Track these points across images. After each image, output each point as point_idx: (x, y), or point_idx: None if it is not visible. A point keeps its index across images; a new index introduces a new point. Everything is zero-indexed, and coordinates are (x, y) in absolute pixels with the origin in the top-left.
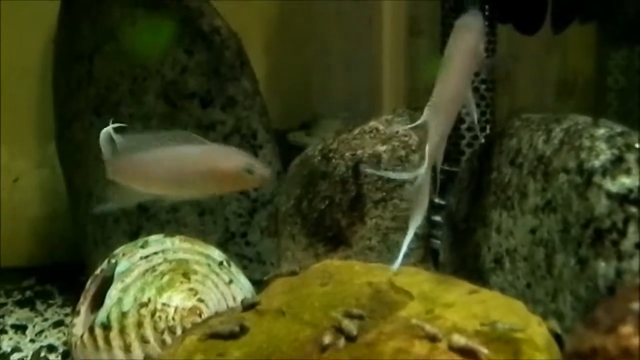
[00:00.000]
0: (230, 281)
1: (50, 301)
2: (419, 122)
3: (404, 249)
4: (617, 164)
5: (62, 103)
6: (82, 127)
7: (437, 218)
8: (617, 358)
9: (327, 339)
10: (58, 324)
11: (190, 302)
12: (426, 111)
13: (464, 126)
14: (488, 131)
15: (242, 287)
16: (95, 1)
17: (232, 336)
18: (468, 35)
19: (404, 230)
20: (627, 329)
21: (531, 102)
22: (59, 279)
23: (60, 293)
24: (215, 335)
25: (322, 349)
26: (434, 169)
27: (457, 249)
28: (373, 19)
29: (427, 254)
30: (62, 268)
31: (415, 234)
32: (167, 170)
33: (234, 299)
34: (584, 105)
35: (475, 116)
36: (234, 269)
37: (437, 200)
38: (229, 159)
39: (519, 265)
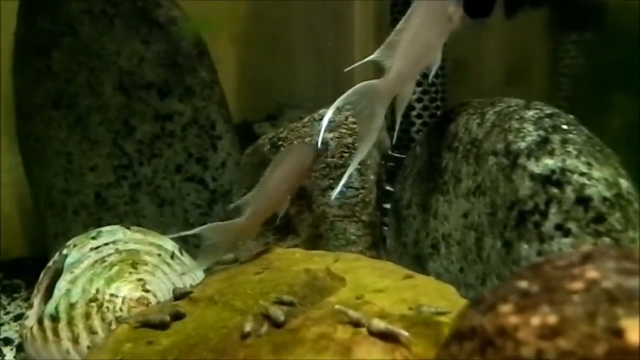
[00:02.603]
0: (183, 272)
1: (15, 295)
2: (371, 57)
3: (344, 179)
4: (542, 145)
5: (22, 97)
6: (42, 121)
7: (387, 205)
8: (494, 337)
9: (248, 326)
10: (18, 317)
11: (138, 293)
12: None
13: (414, 113)
14: None
15: (195, 278)
16: None
17: (162, 325)
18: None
19: (350, 217)
20: (506, 308)
21: (487, 89)
22: (27, 273)
23: (27, 287)
24: (146, 324)
25: (242, 336)
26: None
27: (401, 236)
28: (343, 13)
29: (376, 241)
30: (32, 262)
31: (362, 221)
32: (282, 188)
33: None
34: (538, 91)
35: (433, 73)
36: (187, 259)
37: (387, 187)
38: (306, 152)
39: (452, 250)
